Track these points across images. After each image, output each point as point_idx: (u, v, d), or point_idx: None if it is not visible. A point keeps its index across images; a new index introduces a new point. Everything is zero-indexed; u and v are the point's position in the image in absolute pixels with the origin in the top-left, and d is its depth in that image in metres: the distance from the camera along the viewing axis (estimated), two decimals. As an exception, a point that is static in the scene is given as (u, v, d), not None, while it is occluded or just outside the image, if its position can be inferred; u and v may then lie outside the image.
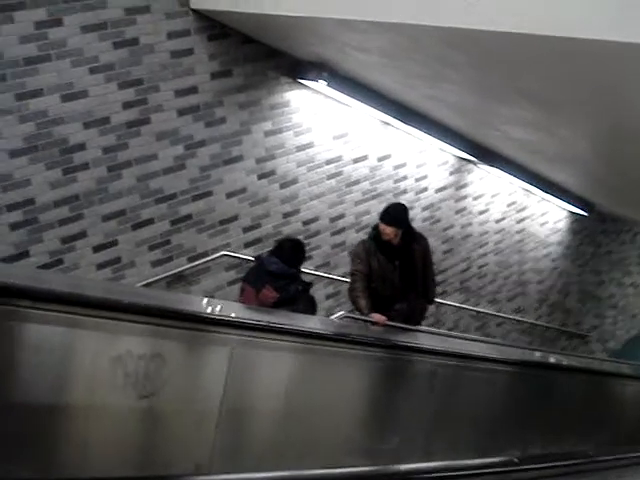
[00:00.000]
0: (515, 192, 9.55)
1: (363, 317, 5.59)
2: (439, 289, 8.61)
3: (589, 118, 6.03)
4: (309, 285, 5.24)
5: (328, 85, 6.57)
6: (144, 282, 6.00)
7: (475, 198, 8.99)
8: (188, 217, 6.25)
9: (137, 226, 5.94)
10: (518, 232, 9.78)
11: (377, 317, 5.47)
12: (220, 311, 4.14)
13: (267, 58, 6.44)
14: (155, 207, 6.02)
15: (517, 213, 9.67)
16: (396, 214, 5.82)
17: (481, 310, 9.40)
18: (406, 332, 5.70)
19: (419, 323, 6.22)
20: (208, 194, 6.34)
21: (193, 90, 6.03)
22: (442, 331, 8.69)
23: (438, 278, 8.47)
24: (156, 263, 6.13)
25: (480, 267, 9.34)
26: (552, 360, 7.89)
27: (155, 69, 5.78)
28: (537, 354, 8.43)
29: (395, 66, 6.06)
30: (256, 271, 5.22)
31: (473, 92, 6.37)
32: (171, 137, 5.99)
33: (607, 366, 9.08)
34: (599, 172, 8.54)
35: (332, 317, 6.48)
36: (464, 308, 9.15)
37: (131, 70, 5.66)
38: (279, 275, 5.03)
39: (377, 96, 7.13)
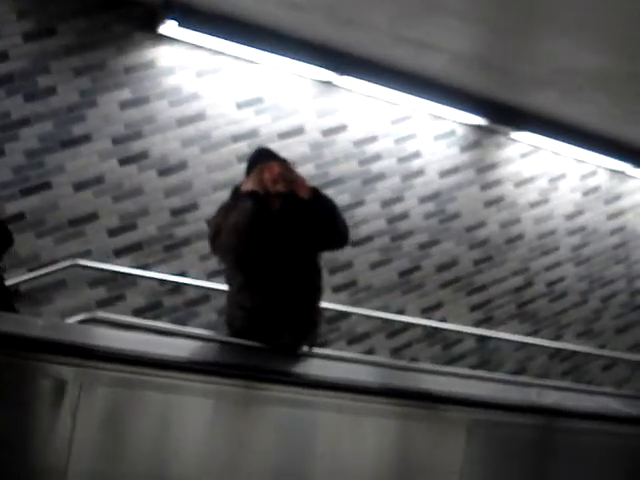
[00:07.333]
0: (594, 174, 7.01)
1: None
2: (479, 314, 6.38)
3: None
4: None
5: (186, 27, 5.21)
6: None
7: (518, 184, 6.67)
8: (19, 216, 5.09)
9: (-59, 228, 4.87)
10: (613, 233, 7.09)
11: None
12: None
13: (107, 9, 5.30)
14: (-33, 204, 4.96)
15: (606, 205, 7.06)
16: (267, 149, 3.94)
17: (566, 346, 6.72)
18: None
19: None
20: (45, 186, 5.17)
21: (1, 57, 5.02)
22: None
23: (473, 299, 6.30)
24: (-22, 276, 4.95)
25: (551, 284, 6.78)
26: None
27: (-60, 35, 4.91)
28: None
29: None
30: None
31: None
32: (-23, 116, 4.98)
33: None
34: None
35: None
36: (533, 344, 6.58)
37: None
38: None
39: (292, 42, 5.55)
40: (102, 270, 5.24)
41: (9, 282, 4.99)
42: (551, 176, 6.82)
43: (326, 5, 5.00)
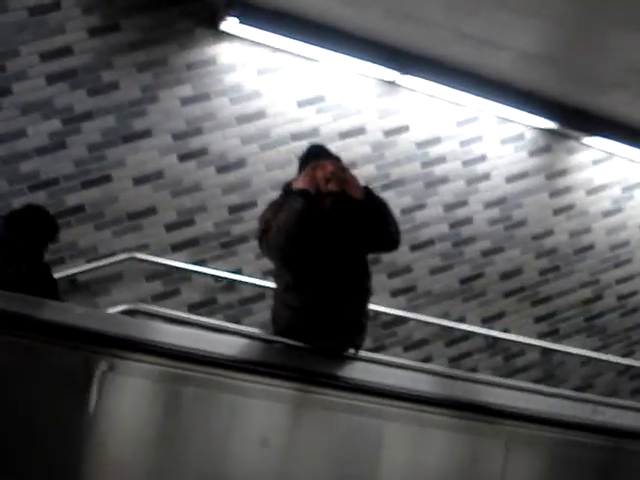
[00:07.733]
0: (677, 183, 6.67)
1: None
2: (544, 326, 6.17)
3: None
4: (45, 267, 3.77)
5: (247, 24, 5.21)
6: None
7: (589, 192, 6.39)
8: (79, 208, 5.18)
9: (6, 218, 5.00)
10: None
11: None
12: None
13: (170, 5, 5.34)
14: (30, 195, 5.11)
15: (687, 217, 6.69)
16: (320, 146, 3.88)
17: (636, 363, 6.41)
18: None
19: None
20: (105, 179, 5.25)
21: (66, 51, 5.17)
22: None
23: (538, 310, 6.10)
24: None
25: (622, 297, 6.47)
26: None
27: (10, 30, 5.02)
28: None
29: None
30: None
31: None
32: (42, 109, 5.13)
33: None
34: None
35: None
36: (600, 360, 6.29)
37: (-22, 34, 4.99)
38: None
39: (353, 40, 5.48)
40: (158, 264, 5.27)
41: (68, 272, 5.11)
42: (626, 184, 6.52)
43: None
